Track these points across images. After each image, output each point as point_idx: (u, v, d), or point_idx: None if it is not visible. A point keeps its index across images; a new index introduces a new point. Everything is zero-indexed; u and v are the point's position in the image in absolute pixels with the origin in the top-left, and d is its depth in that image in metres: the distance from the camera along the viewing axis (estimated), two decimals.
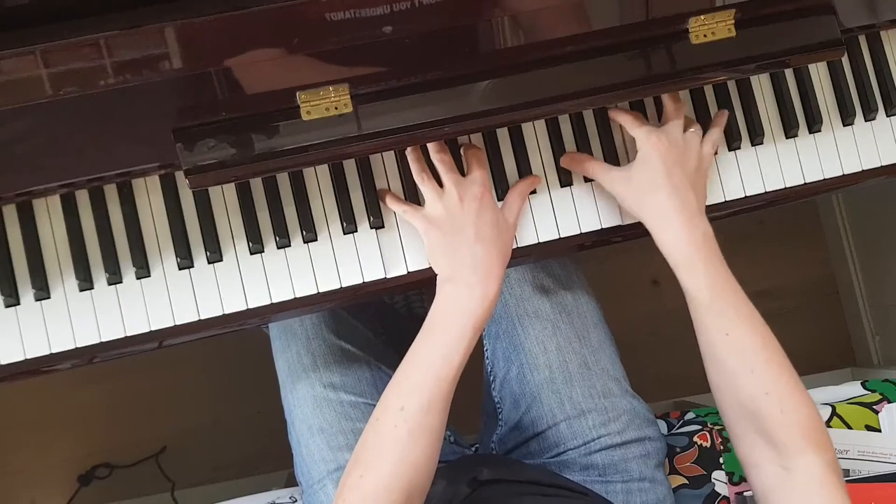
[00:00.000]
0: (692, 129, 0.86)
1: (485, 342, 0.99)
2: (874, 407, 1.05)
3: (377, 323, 1.01)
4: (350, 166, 0.86)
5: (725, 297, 0.77)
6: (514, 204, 0.85)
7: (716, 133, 0.88)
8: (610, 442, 0.91)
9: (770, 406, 0.73)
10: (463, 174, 0.84)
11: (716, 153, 0.90)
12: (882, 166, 0.94)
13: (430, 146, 0.84)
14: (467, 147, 0.86)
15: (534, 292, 0.95)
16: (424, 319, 0.80)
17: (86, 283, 0.82)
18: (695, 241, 0.79)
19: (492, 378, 0.98)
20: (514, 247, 0.87)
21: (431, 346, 0.77)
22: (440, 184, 0.84)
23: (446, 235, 0.81)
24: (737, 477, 1.00)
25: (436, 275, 0.84)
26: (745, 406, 0.74)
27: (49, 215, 0.82)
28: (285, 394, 0.95)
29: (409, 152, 0.85)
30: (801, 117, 0.94)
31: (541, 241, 0.88)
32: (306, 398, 0.92)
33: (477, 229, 0.80)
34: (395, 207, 0.85)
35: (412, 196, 0.87)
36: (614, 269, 1.53)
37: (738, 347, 0.76)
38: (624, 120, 0.87)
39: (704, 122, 0.91)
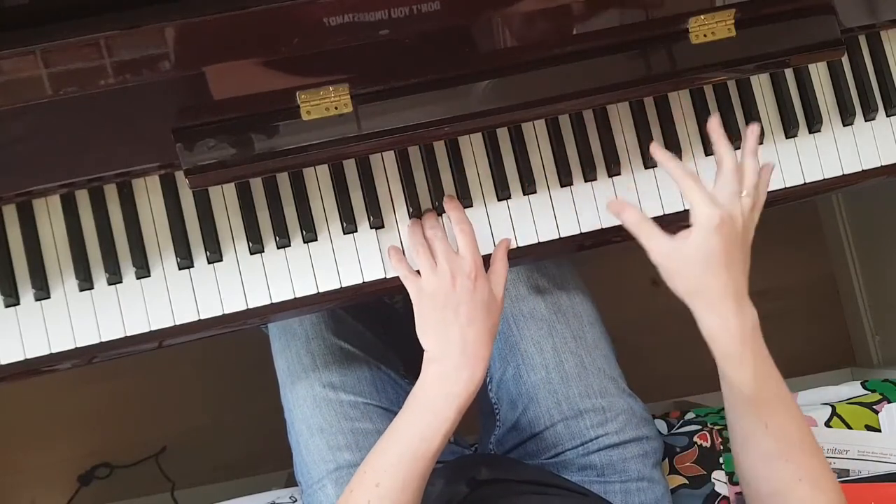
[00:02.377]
0: (744, 193, 0.77)
1: None
2: (874, 407, 1.05)
3: (377, 323, 1.01)
4: (350, 166, 0.86)
5: (769, 389, 0.75)
6: (501, 276, 0.82)
7: (763, 195, 0.80)
8: (608, 442, 0.91)
9: (804, 491, 0.73)
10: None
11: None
12: (882, 166, 0.94)
13: (425, 221, 0.84)
14: (450, 207, 0.84)
15: (529, 292, 0.94)
16: None
17: (86, 283, 0.82)
18: (745, 333, 0.74)
19: (489, 379, 0.98)
20: (514, 247, 0.88)
21: (412, 426, 0.77)
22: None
23: (438, 311, 0.79)
24: (736, 477, 1.00)
25: None
26: (779, 491, 0.74)
27: (49, 215, 0.82)
28: (285, 393, 0.96)
29: (409, 225, 0.84)
30: (801, 117, 0.94)
31: (541, 241, 0.88)
32: (306, 398, 0.92)
33: (469, 310, 0.78)
34: (397, 270, 0.84)
35: (412, 195, 0.87)
36: (614, 269, 1.53)
37: (776, 436, 0.74)
38: (678, 176, 0.78)
39: (705, 124, 0.91)
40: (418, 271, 0.82)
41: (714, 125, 0.80)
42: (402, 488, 0.74)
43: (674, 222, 0.91)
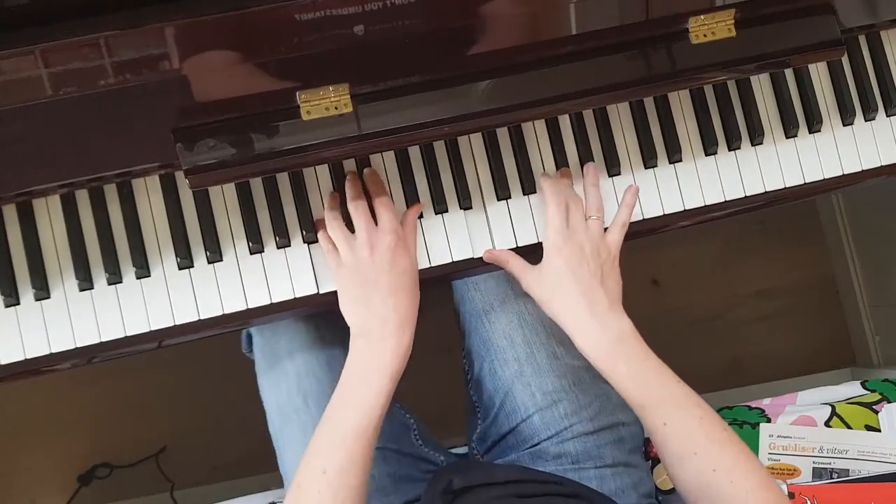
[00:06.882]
0: (593, 217, 0.85)
1: (462, 341, 0.99)
2: (874, 407, 1.05)
3: None
4: (350, 166, 0.86)
5: (653, 390, 0.78)
6: (412, 239, 0.84)
7: (624, 215, 0.87)
8: (582, 430, 0.89)
9: (720, 481, 0.73)
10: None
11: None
12: (882, 166, 0.94)
13: (347, 191, 0.84)
14: (369, 181, 0.85)
15: (497, 285, 0.94)
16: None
17: (86, 283, 0.82)
18: (610, 343, 0.79)
19: (468, 377, 0.98)
20: (514, 246, 0.88)
21: (350, 404, 0.77)
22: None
23: (359, 287, 0.80)
24: None
25: (435, 274, 0.84)
26: (699, 485, 0.74)
27: (49, 215, 0.82)
28: (275, 431, 0.93)
29: (328, 200, 0.85)
30: (801, 117, 0.94)
31: (540, 240, 0.88)
32: (300, 439, 0.89)
33: (390, 281, 0.79)
34: (322, 243, 0.84)
35: (412, 195, 0.87)
36: None
37: (677, 434, 0.76)
38: (549, 207, 0.84)
39: (705, 125, 0.91)
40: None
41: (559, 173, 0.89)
42: (349, 470, 0.74)
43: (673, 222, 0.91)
